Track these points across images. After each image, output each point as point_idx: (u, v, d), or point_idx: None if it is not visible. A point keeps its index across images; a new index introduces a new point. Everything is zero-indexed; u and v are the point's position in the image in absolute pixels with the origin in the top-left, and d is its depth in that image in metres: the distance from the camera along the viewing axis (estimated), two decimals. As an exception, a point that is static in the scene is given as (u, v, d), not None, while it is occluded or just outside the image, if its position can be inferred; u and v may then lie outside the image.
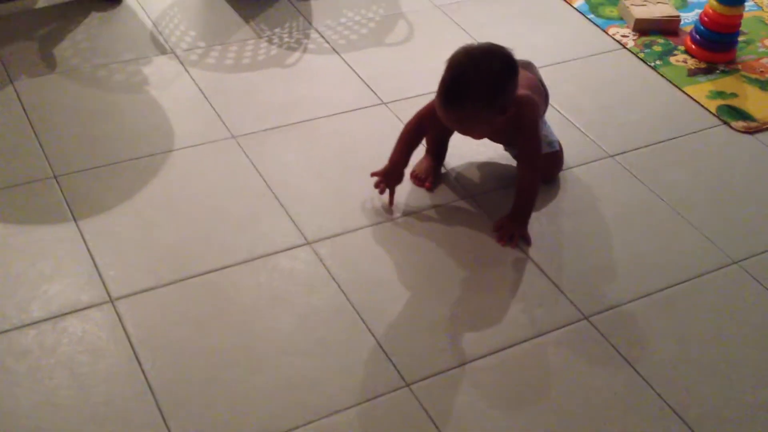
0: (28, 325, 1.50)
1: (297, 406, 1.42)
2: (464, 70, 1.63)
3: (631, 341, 1.60)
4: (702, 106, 2.22)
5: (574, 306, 1.65)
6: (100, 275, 1.60)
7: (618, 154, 2.04)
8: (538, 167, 1.78)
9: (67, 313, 1.52)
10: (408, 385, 1.47)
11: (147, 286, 1.59)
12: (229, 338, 1.52)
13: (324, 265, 1.68)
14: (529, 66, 1.92)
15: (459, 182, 1.91)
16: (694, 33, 2.40)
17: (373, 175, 1.81)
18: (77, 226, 1.69)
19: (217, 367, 1.47)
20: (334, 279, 1.65)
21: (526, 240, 1.77)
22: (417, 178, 1.88)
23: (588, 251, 1.78)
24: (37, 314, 1.52)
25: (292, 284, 1.64)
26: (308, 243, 1.72)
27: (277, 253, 1.69)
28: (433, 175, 1.88)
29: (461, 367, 1.52)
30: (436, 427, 1.41)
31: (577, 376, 1.53)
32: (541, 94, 1.88)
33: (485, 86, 1.63)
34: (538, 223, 1.82)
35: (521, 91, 1.72)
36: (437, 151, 1.91)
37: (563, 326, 1.61)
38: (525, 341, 1.58)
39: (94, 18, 2.30)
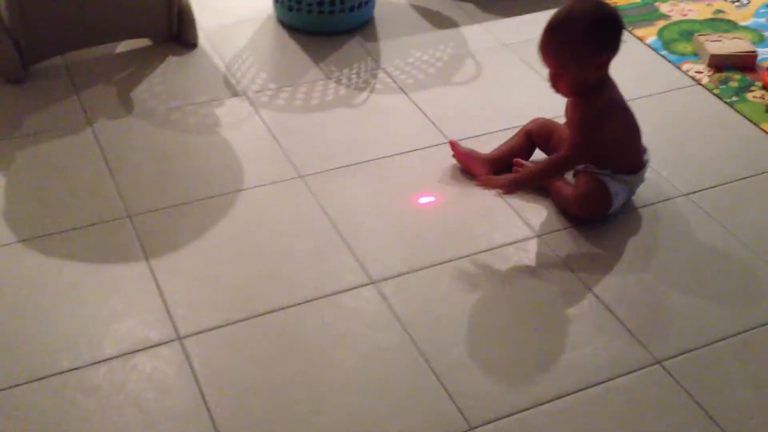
0: (100, 361, 1.53)
1: (359, 448, 1.41)
2: (573, 6, 1.74)
3: (706, 387, 1.54)
4: (781, 142, 2.15)
5: (645, 349, 1.60)
6: (168, 313, 1.63)
7: (693, 193, 1.98)
8: (568, 155, 1.82)
9: (136, 351, 1.56)
10: (472, 429, 1.45)
11: (214, 325, 1.62)
12: (293, 377, 1.53)
13: (388, 304, 1.67)
14: None
15: (526, 221, 1.89)
16: (772, 67, 2.34)
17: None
18: (148, 264, 1.73)
19: (280, 405, 1.47)
20: (398, 318, 1.64)
21: (505, 190, 1.84)
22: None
23: (661, 292, 1.73)
24: (108, 351, 1.55)
25: (357, 323, 1.64)
26: (373, 282, 1.72)
27: (342, 292, 1.70)
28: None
29: (527, 411, 1.48)
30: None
31: (648, 423, 1.47)
32: (629, 130, 1.88)
33: (592, 19, 1.71)
34: (605, 263, 1.78)
35: (615, 93, 1.83)
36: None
37: (634, 371, 1.56)
38: (594, 386, 1.53)
39: (171, 62, 2.38)
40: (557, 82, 1.78)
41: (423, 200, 1.70)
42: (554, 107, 1.98)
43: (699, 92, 2.34)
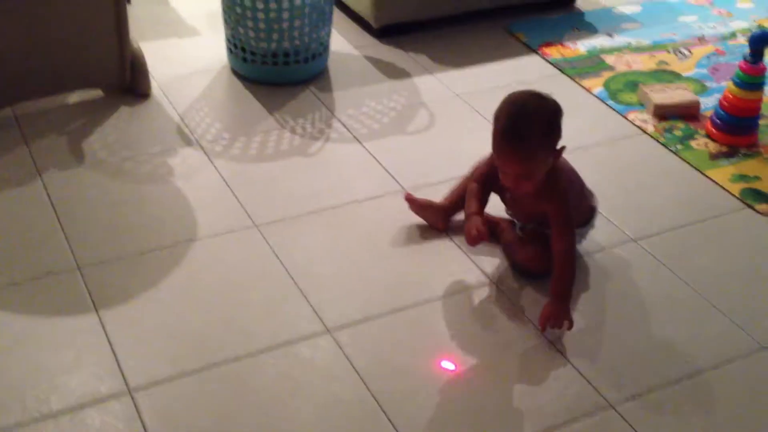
0: (47, 416, 1.49)
1: (316, 501, 1.39)
2: (523, 106, 1.71)
3: (658, 429, 1.55)
4: (725, 189, 2.21)
5: (599, 394, 1.61)
6: (119, 365, 1.60)
7: (642, 239, 2.02)
8: (571, 239, 1.78)
9: (85, 405, 1.52)
10: (430, 479, 1.44)
11: (166, 376, 1.59)
12: (248, 428, 1.50)
13: (344, 353, 1.66)
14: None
15: (482, 269, 1.90)
16: (714, 117, 2.41)
17: (472, 234, 1.79)
18: (99, 316, 1.70)
19: (235, 459, 1.45)
20: (354, 368, 1.63)
21: (569, 321, 1.73)
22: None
23: (613, 337, 1.75)
24: (56, 406, 1.51)
25: (313, 373, 1.62)
26: (329, 331, 1.71)
27: (298, 341, 1.69)
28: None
29: (485, 459, 1.48)
30: None
31: (605, 469, 1.48)
32: (576, 182, 1.90)
33: (545, 117, 1.71)
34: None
35: (563, 160, 1.81)
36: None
37: (589, 414, 1.57)
38: (552, 430, 1.53)
39: (123, 112, 2.37)
40: (523, 183, 1.74)
41: (446, 364, 1.63)
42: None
43: (645, 141, 2.41)
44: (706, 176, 2.26)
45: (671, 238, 2.04)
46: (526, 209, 1.89)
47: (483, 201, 1.88)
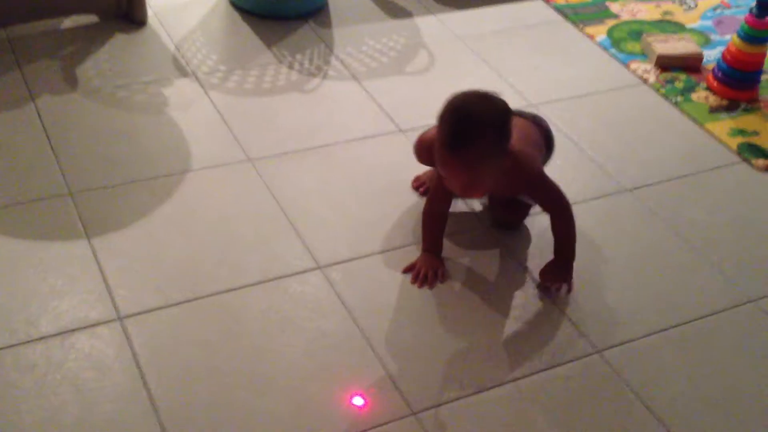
0: (36, 339, 1.49)
1: (302, 430, 1.40)
2: (468, 109, 1.55)
3: (643, 377, 1.57)
4: (723, 143, 2.20)
5: (586, 339, 1.63)
6: (110, 293, 1.60)
7: (636, 189, 2.02)
8: (566, 212, 1.69)
9: (75, 330, 1.52)
10: (414, 414, 1.45)
11: (156, 306, 1.59)
12: (236, 360, 1.51)
13: (334, 290, 1.67)
14: (536, 118, 1.86)
15: (475, 213, 1.90)
16: (716, 70, 2.39)
17: (406, 270, 1.72)
18: (90, 243, 1.70)
19: (223, 389, 1.46)
20: (344, 304, 1.64)
21: (569, 285, 1.71)
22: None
23: (602, 285, 1.76)
24: (46, 329, 1.51)
25: (302, 308, 1.63)
26: (320, 267, 1.71)
27: (288, 276, 1.69)
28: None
29: (469, 398, 1.49)
30: (442, 459, 1.39)
31: (587, 411, 1.50)
32: (536, 145, 1.78)
33: (492, 121, 1.55)
34: (550, 255, 1.80)
35: (517, 142, 1.63)
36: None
37: (575, 359, 1.59)
38: (534, 374, 1.55)
39: (118, 39, 2.33)
40: (471, 191, 1.65)
41: (356, 401, 1.46)
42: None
43: (645, 91, 2.39)
44: (705, 129, 2.25)
45: (666, 189, 2.04)
46: (503, 195, 1.82)
47: (438, 233, 1.76)
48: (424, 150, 1.80)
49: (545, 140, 1.84)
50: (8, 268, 1.62)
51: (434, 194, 1.75)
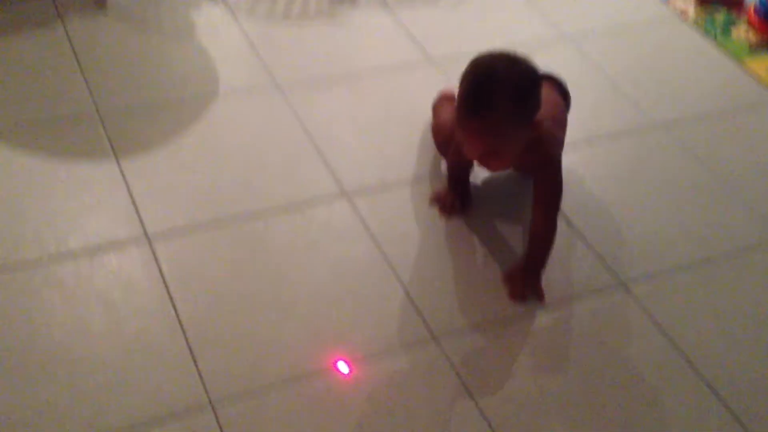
0: (66, 256, 1.51)
1: (324, 353, 1.42)
2: (491, 71, 1.43)
3: (668, 312, 1.56)
4: (762, 82, 2.15)
5: (612, 272, 1.62)
6: (137, 213, 1.61)
7: (670, 125, 1.98)
8: (555, 212, 1.56)
9: (103, 247, 1.54)
10: (435, 338, 1.46)
11: (183, 226, 1.60)
12: (261, 283, 1.52)
13: (360, 216, 1.67)
14: (551, 80, 1.72)
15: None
16: (758, 6, 2.32)
17: (434, 199, 1.69)
18: (118, 163, 1.70)
19: (248, 309, 1.47)
20: (368, 231, 1.64)
21: (539, 295, 1.54)
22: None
23: (631, 219, 1.74)
24: (75, 246, 1.53)
25: (327, 234, 1.63)
26: (345, 194, 1.71)
27: (314, 202, 1.69)
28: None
29: (490, 327, 1.50)
30: (461, 380, 1.40)
31: (610, 344, 1.50)
32: (562, 125, 1.68)
33: (515, 85, 1.43)
34: (579, 189, 1.78)
35: (546, 120, 1.50)
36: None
37: (600, 292, 1.58)
38: (560, 304, 1.55)
39: (148, -38, 2.30)
40: (491, 162, 1.52)
41: (341, 366, 1.40)
42: (535, 33, 1.95)
43: (684, 26, 2.32)
44: (744, 67, 2.19)
45: (701, 126, 1.99)
46: (519, 172, 1.74)
47: (463, 175, 1.68)
48: (440, 135, 1.72)
49: (565, 100, 1.74)
50: (38, 186, 1.64)
51: (454, 149, 1.62)
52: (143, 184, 1.67)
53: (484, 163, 1.52)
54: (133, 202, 1.63)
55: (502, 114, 1.41)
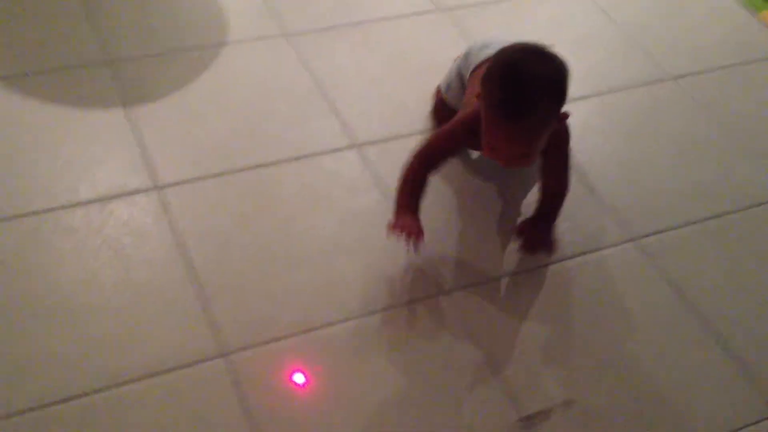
0: (76, 205, 1.51)
1: (334, 304, 1.43)
2: (528, 71, 1.34)
3: (678, 267, 1.56)
4: (776, 33, 2.12)
5: (622, 227, 1.62)
6: (147, 162, 1.61)
7: (682, 77, 1.96)
8: (568, 172, 1.54)
9: (113, 197, 1.54)
10: (446, 294, 1.47)
11: (193, 177, 1.60)
12: (271, 234, 1.52)
13: (370, 168, 1.66)
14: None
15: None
16: (775, -44, 2.27)
17: (393, 229, 1.44)
18: (127, 112, 1.69)
19: (258, 260, 1.48)
20: (378, 183, 1.63)
21: (549, 247, 1.51)
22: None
23: (641, 173, 1.73)
24: (85, 195, 1.53)
25: (337, 186, 1.62)
26: (355, 145, 1.70)
27: (323, 153, 1.68)
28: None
29: (501, 280, 1.50)
30: (465, 329, 1.41)
31: (618, 297, 1.50)
32: None
33: (554, 85, 1.36)
34: (590, 143, 1.77)
35: None
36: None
37: (610, 247, 1.58)
38: (567, 259, 1.55)
39: None
40: (525, 161, 1.43)
41: (297, 377, 1.32)
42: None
43: (699, -23, 2.29)
44: (760, 18, 2.16)
45: (713, 79, 1.97)
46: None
47: (420, 192, 1.50)
48: (459, 127, 1.51)
49: None
50: (47, 134, 1.63)
51: (424, 159, 1.49)
52: (152, 133, 1.66)
53: (513, 163, 1.44)
54: (143, 152, 1.62)
55: (544, 116, 1.36)
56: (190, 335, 1.35)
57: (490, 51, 1.53)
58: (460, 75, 1.67)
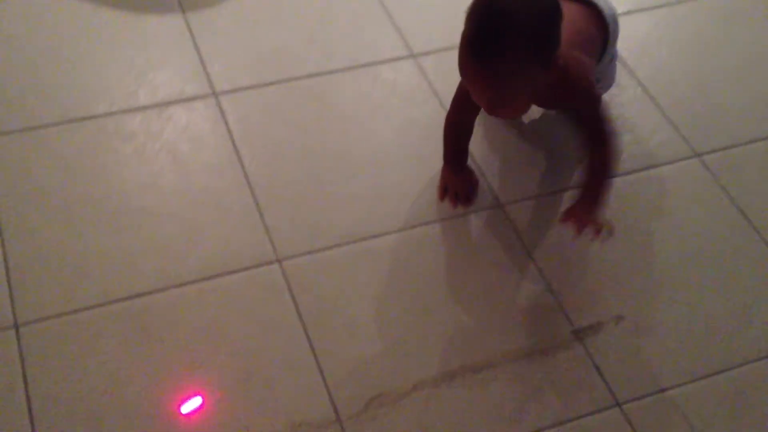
0: (135, 110, 1.53)
1: (386, 214, 1.43)
2: (503, 6, 1.18)
3: (741, 184, 1.52)
4: None
5: (686, 141, 1.57)
6: (204, 69, 1.61)
7: (758, -11, 1.87)
8: (611, 138, 1.35)
9: (172, 102, 1.55)
10: (501, 205, 1.45)
11: (249, 84, 1.59)
12: (326, 143, 1.52)
13: (427, 79, 1.64)
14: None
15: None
16: None
17: (442, 193, 1.45)
18: (185, 18, 1.69)
19: (313, 168, 1.48)
20: (435, 94, 1.61)
21: (599, 227, 1.31)
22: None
23: (707, 88, 1.67)
24: (144, 101, 1.55)
25: (393, 95, 1.61)
26: (413, 55, 1.67)
27: (380, 63, 1.66)
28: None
29: (552, 194, 1.48)
30: (522, 242, 1.40)
31: (678, 214, 1.47)
32: (589, 42, 1.40)
33: (532, 26, 1.18)
34: (656, 54, 1.71)
35: (562, 51, 1.24)
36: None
37: (673, 162, 1.54)
38: (630, 173, 1.52)
39: None
40: (501, 110, 1.29)
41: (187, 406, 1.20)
42: None
43: None
44: None
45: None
46: (548, 108, 1.52)
47: (462, 142, 1.44)
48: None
49: (602, 30, 1.43)
50: (105, 40, 1.64)
51: (456, 102, 1.42)
52: (209, 40, 1.66)
53: (493, 112, 1.30)
54: (200, 58, 1.62)
55: (513, 63, 1.18)
56: (245, 240, 1.37)
57: None
58: None
